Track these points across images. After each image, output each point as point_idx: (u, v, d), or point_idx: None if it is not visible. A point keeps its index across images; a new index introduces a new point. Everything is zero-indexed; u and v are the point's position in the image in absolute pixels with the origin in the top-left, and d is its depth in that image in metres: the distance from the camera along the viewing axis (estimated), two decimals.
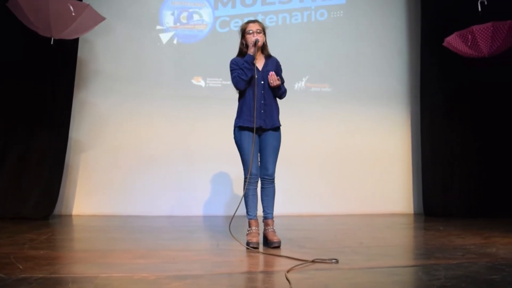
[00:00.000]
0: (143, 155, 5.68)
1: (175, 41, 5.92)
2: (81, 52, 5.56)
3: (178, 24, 5.93)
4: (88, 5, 4.31)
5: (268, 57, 3.49)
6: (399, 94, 6.32)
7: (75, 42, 5.11)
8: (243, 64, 3.29)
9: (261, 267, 2.55)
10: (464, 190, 5.72)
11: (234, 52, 5.33)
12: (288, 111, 5.79)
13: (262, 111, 3.32)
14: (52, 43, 4.41)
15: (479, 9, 4.85)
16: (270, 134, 3.37)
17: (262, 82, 3.35)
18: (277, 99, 3.49)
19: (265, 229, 3.34)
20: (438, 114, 5.86)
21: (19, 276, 2.17)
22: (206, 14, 5.99)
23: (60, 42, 4.69)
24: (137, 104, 5.72)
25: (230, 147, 5.65)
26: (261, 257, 2.85)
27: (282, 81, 3.44)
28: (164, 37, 5.89)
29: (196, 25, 5.98)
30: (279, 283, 2.16)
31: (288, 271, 2.36)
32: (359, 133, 6.14)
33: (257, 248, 3.13)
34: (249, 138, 3.31)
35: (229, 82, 5.79)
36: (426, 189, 5.85)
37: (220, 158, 5.74)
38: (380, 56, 6.29)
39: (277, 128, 3.41)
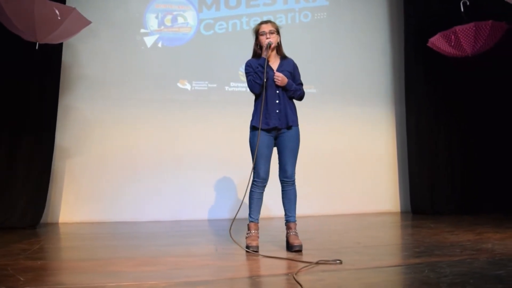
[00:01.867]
0: (129, 160, 5.60)
1: (159, 44, 5.86)
2: (65, 57, 5.45)
3: (162, 27, 5.88)
4: (74, 8, 4.21)
5: (284, 58, 3.45)
6: (384, 94, 6.42)
7: (59, 46, 5.00)
8: (257, 67, 3.26)
9: (267, 271, 2.54)
10: (451, 187, 5.86)
11: (220, 55, 5.34)
12: None
13: (277, 111, 3.27)
14: (37, 47, 4.30)
15: (462, 9, 4.97)
16: (287, 135, 3.31)
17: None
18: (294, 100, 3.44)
19: (287, 233, 3.31)
20: (423, 113, 5.98)
21: None
22: (190, 17, 5.96)
23: (44, 47, 4.58)
24: (123, 109, 5.64)
25: (218, 150, 5.73)
26: (262, 261, 2.83)
27: (299, 82, 3.42)
28: (149, 41, 5.83)
29: (181, 28, 5.93)
30: (291, 285, 2.16)
31: (296, 274, 2.36)
32: (344, 133, 6.21)
33: (257, 252, 3.11)
34: (262, 139, 3.25)
35: (214, 85, 5.91)
36: (413, 187, 5.95)
37: (208, 162, 5.73)
38: (364, 57, 6.37)
39: (294, 127, 3.34)
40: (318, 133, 6.09)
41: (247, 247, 3.15)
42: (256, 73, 3.26)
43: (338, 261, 2.69)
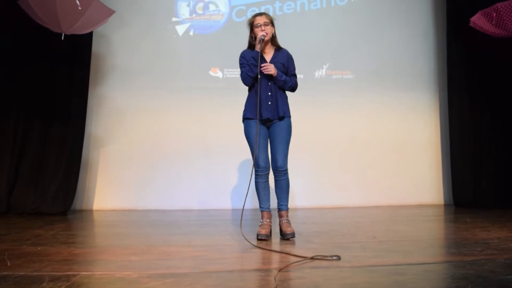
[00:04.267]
0: (160, 148, 5.64)
1: (191, 33, 5.82)
2: (98, 47, 5.56)
3: (194, 15, 5.83)
4: None
5: (278, 49, 3.43)
6: (426, 79, 6.00)
7: (88, 36, 5.09)
8: (250, 60, 3.29)
9: (255, 265, 2.41)
10: (495, 179, 5.38)
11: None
12: (308, 99, 5.72)
13: (269, 102, 3.30)
14: (62, 38, 4.40)
15: None
16: (278, 124, 3.33)
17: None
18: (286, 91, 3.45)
19: (279, 221, 3.35)
20: (466, 100, 5.53)
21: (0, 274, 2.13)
22: (222, 4, 5.86)
23: (73, 37, 4.69)
24: (154, 97, 5.67)
25: None
26: (261, 254, 2.71)
27: (292, 74, 3.41)
28: (180, 29, 5.81)
29: (213, 16, 5.86)
30: (264, 282, 2.02)
31: (281, 270, 2.22)
32: (383, 121, 5.88)
33: (266, 240, 3.14)
34: (260, 131, 3.30)
35: None
36: (456, 178, 5.53)
37: (238, 151, 5.59)
38: (405, 40, 5.98)
39: (285, 118, 3.35)
40: (354, 121, 5.85)
41: (257, 235, 3.19)
42: (249, 65, 3.30)
43: (335, 257, 2.51)
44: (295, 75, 3.44)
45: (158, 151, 5.64)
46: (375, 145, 5.84)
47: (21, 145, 4.92)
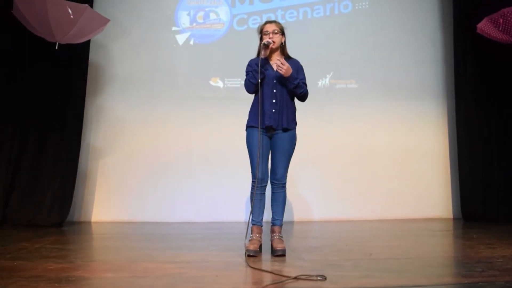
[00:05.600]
0: (161, 159, 5.51)
1: (191, 42, 5.73)
2: (97, 57, 5.51)
3: (194, 24, 5.75)
4: (86, 6, 4.20)
5: (288, 58, 3.31)
6: (434, 88, 5.78)
7: (85, 46, 5.03)
8: (254, 66, 3.19)
9: (232, 285, 2.25)
10: (506, 192, 5.12)
11: (253, 51, 5.06)
12: (311, 110, 5.54)
13: (273, 110, 3.17)
14: (57, 48, 4.34)
15: None
16: (281, 136, 3.20)
17: (275, 82, 3.21)
18: (295, 100, 3.35)
19: (271, 236, 3.21)
20: (474, 109, 5.30)
21: None
22: (223, 13, 5.77)
23: (69, 47, 4.64)
24: (154, 108, 5.58)
25: None
26: (243, 272, 2.55)
27: (302, 82, 3.26)
28: (181, 38, 5.72)
29: (213, 25, 5.76)
30: None
31: None
32: (389, 131, 5.67)
33: (254, 256, 2.98)
34: (261, 141, 3.15)
35: None
36: (464, 191, 5.28)
37: (240, 161, 5.43)
38: (411, 48, 5.78)
39: (288, 130, 3.22)
40: (359, 131, 5.66)
41: (246, 250, 2.99)
42: (252, 72, 3.20)
43: (320, 278, 2.34)
44: (305, 84, 3.30)
45: (158, 162, 5.53)
46: (380, 156, 5.63)
47: (17, 156, 4.85)
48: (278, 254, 3.03)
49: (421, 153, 5.67)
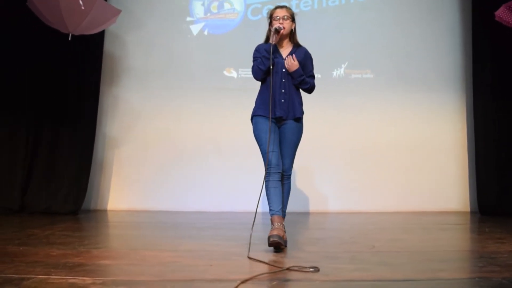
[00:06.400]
0: (175, 149, 5.59)
1: (205, 32, 5.75)
2: (113, 48, 5.59)
3: (208, 14, 5.76)
4: None
5: (297, 46, 3.21)
6: (452, 79, 5.63)
7: (99, 37, 5.12)
8: (263, 53, 3.07)
9: (223, 274, 2.25)
10: None
11: None
12: (326, 100, 5.51)
13: (282, 100, 3.08)
14: (70, 39, 4.43)
15: None
16: (289, 127, 3.11)
17: (284, 70, 3.11)
18: (301, 90, 3.22)
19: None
20: (492, 101, 5.14)
21: None
22: (237, 2, 5.75)
23: (84, 38, 4.72)
24: (169, 98, 5.64)
25: None
26: (237, 262, 2.55)
27: (310, 74, 3.18)
28: (195, 29, 5.74)
29: (227, 14, 5.76)
30: None
31: (244, 281, 2.07)
32: (405, 123, 5.58)
33: (280, 243, 2.74)
34: (267, 127, 3.03)
35: None
36: (480, 184, 5.15)
37: (254, 152, 5.43)
38: (429, 37, 5.64)
39: (298, 119, 3.13)
40: (374, 122, 5.59)
41: (269, 237, 2.76)
42: (261, 58, 3.08)
43: (312, 269, 2.32)
44: (313, 76, 3.21)
45: (173, 152, 5.60)
46: (396, 148, 5.54)
47: (34, 146, 5.01)
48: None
49: (438, 145, 5.55)
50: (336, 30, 5.68)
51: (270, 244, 2.76)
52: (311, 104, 5.39)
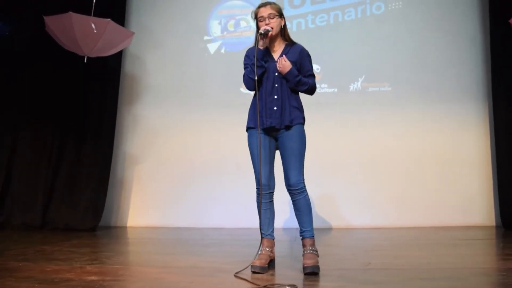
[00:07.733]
0: (194, 166, 5.66)
1: (222, 50, 5.83)
2: (132, 68, 5.78)
3: (225, 32, 5.85)
4: (109, 20, 4.40)
5: (291, 44, 2.89)
6: (473, 90, 5.42)
7: (117, 57, 5.30)
8: (254, 59, 2.75)
9: None
10: None
11: None
12: (343, 115, 5.45)
13: (274, 108, 2.75)
14: (85, 61, 4.60)
15: None
16: (287, 135, 2.76)
17: (276, 74, 2.79)
18: (300, 93, 2.87)
19: (303, 251, 2.72)
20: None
21: None
22: (253, 20, 5.79)
23: (101, 59, 4.90)
24: (187, 115, 5.74)
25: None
26: (221, 279, 2.53)
27: (308, 74, 2.84)
28: (212, 47, 5.84)
29: (244, 32, 5.83)
30: None
31: None
32: (425, 135, 5.41)
33: (261, 273, 2.62)
34: (261, 141, 2.77)
35: None
36: (503, 198, 4.90)
37: None
38: (449, 47, 5.47)
39: (295, 126, 2.77)
40: (394, 136, 5.45)
41: (251, 267, 2.67)
42: (251, 66, 2.79)
43: (289, 287, 2.27)
44: (312, 75, 2.86)
45: (191, 168, 5.67)
46: (417, 162, 5.38)
47: (56, 164, 5.21)
48: (308, 271, 2.56)
49: (461, 157, 5.34)
50: (352, 43, 5.63)
51: (252, 272, 2.64)
52: (328, 119, 5.40)
